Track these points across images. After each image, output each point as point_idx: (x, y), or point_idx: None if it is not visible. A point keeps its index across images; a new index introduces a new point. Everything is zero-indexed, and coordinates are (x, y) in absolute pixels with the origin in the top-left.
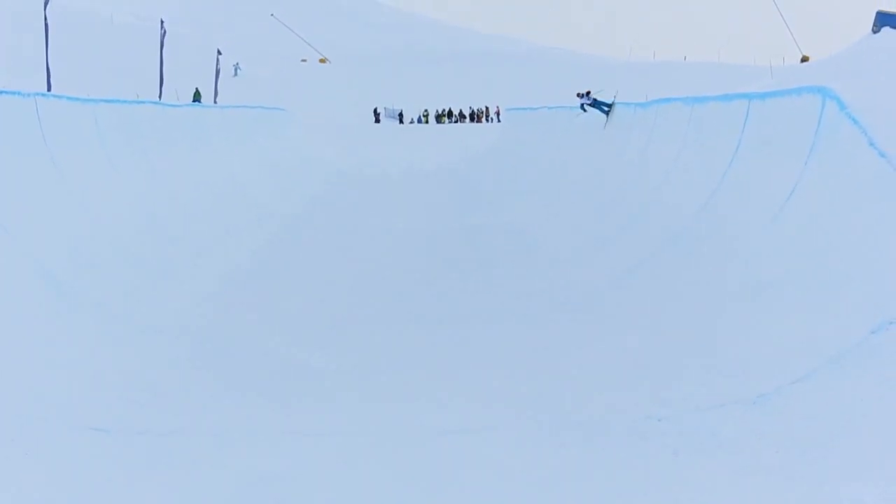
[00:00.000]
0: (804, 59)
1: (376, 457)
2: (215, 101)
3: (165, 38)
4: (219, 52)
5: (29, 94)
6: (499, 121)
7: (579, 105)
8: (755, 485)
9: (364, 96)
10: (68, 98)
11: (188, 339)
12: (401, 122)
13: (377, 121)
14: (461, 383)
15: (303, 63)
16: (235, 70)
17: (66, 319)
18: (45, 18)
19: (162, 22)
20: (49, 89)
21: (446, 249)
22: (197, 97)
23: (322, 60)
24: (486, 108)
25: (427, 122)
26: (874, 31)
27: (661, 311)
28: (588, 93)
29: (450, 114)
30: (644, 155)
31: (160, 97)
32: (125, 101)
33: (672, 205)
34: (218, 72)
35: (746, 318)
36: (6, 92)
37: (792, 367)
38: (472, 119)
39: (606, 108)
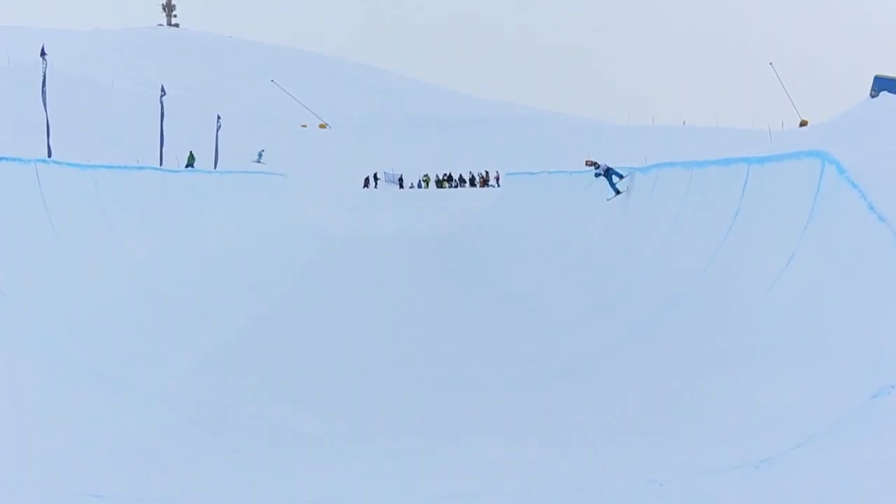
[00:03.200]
0: (803, 124)
1: None
2: (215, 166)
3: (165, 104)
4: (218, 118)
5: (30, 161)
6: (498, 185)
7: (594, 173)
8: None
9: (364, 161)
10: (69, 164)
11: (186, 406)
12: (401, 186)
13: (365, 186)
14: (460, 449)
15: (303, 128)
16: (259, 156)
17: (64, 386)
18: (44, 84)
19: (162, 88)
20: (49, 155)
21: (446, 316)
22: (191, 161)
23: (322, 126)
24: (487, 173)
25: (427, 186)
26: (872, 96)
27: (661, 376)
28: (596, 164)
29: (450, 178)
30: (644, 219)
31: (160, 163)
32: (125, 167)
33: (672, 270)
34: (218, 138)
35: (748, 383)
36: (7, 158)
37: (794, 432)
38: (472, 184)
39: (618, 179)
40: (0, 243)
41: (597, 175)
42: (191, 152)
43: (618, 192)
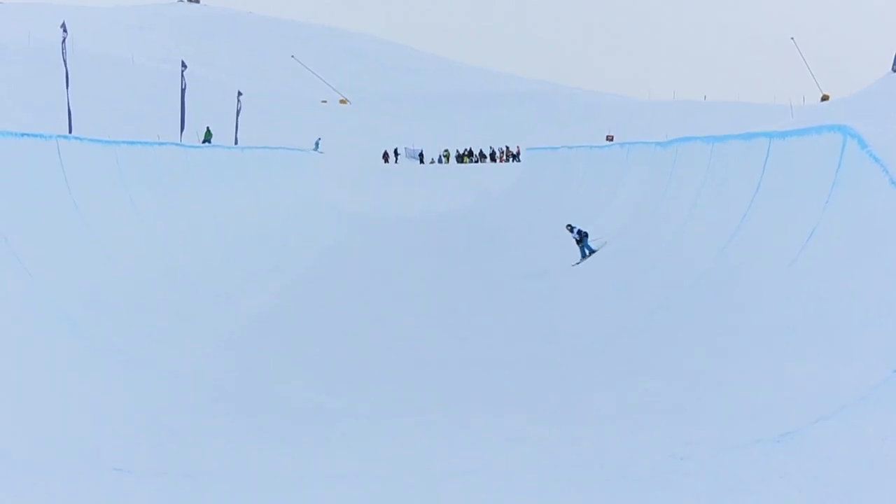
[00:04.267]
0: (824, 98)
1: (393, 500)
2: (236, 142)
3: (186, 79)
4: (239, 94)
5: (51, 137)
6: (519, 160)
7: (573, 237)
8: None
9: (384, 137)
10: (90, 140)
11: (208, 383)
12: (421, 161)
13: (385, 161)
14: (480, 426)
15: (323, 104)
16: (316, 145)
17: (87, 364)
18: (65, 61)
19: (183, 64)
20: (70, 131)
21: (466, 294)
22: (208, 136)
23: (342, 101)
24: (507, 148)
25: (448, 161)
26: (894, 70)
27: (682, 353)
28: (571, 227)
29: (470, 153)
30: (664, 195)
31: (181, 138)
32: (147, 143)
33: (692, 247)
34: (238, 112)
35: (768, 359)
36: (29, 134)
37: (815, 407)
38: (492, 159)
39: (588, 251)
40: (23, 220)
41: (576, 240)
42: (208, 128)
43: (584, 257)
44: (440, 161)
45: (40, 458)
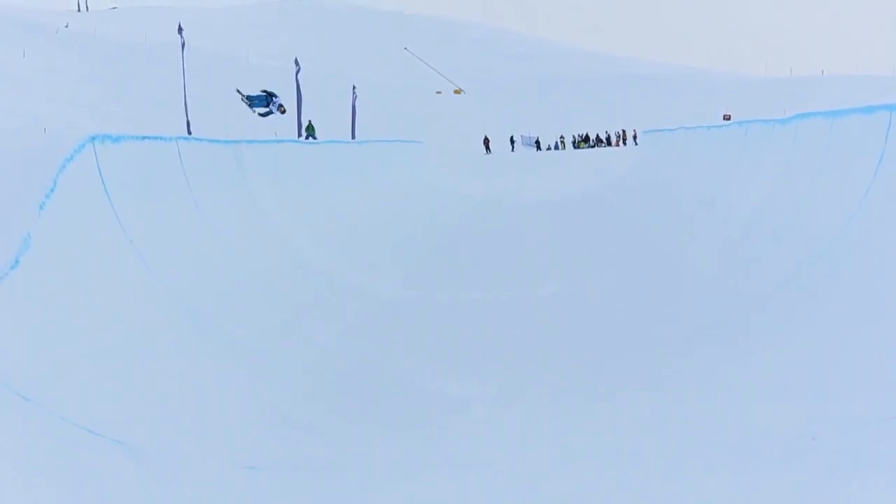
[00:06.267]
0: None
1: (528, 487)
2: (353, 137)
3: (300, 77)
4: (354, 89)
5: (171, 139)
6: (636, 143)
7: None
8: None
9: (500, 125)
10: (209, 140)
11: (333, 375)
12: (538, 149)
13: (488, 151)
14: (608, 409)
15: (437, 95)
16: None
17: (213, 359)
18: (183, 67)
19: (297, 63)
20: (189, 132)
21: (592, 276)
22: (311, 131)
23: (456, 91)
24: (624, 132)
25: (564, 147)
26: None
27: (810, 327)
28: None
29: (587, 139)
30: (786, 171)
31: (298, 135)
32: (265, 141)
33: (816, 221)
34: (354, 108)
35: None
36: (149, 137)
37: None
38: (608, 143)
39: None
40: (146, 222)
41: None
42: (310, 121)
43: None
44: (556, 147)
45: (172, 456)
